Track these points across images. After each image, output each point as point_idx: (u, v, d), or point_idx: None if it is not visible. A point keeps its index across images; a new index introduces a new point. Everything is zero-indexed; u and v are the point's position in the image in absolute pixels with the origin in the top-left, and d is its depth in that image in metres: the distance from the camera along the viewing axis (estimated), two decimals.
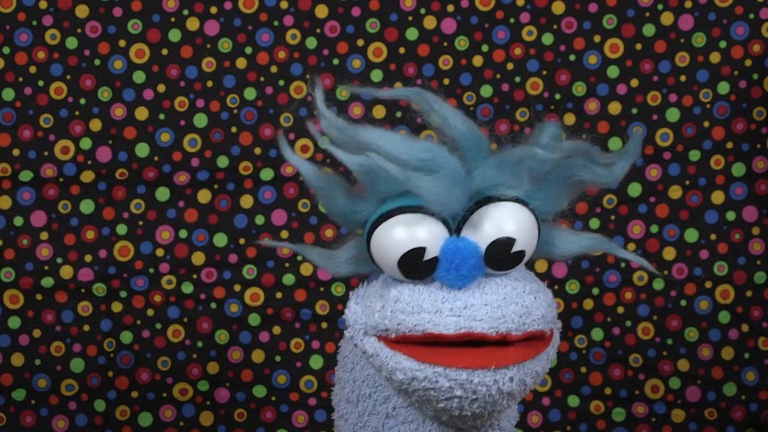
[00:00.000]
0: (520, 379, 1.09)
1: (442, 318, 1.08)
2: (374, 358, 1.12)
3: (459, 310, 1.08)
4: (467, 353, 1.08)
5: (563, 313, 1.90)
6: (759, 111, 1.89)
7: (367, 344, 1.13)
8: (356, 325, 1.14)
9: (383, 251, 1.10)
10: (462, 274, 1.09)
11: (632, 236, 1.90)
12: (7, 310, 1.89)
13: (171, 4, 1.88)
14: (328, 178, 1.12)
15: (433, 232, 1.09)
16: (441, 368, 1.08)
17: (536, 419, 1.92)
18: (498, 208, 1.10)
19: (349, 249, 1.15)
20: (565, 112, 1.89)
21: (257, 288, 1.90)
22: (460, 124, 1.11)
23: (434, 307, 1.08)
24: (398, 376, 1.10)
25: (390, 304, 1.10)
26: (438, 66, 1.89)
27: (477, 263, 1.09)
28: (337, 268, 1.16)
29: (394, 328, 1.09)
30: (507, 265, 1.11)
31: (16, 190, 1.89)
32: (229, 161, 1.89)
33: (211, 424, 1.91)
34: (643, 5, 1.88)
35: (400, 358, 1.09)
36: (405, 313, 1.09)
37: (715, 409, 1.91)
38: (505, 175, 1.10)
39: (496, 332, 1.07)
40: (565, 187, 1.15)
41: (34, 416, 1.90)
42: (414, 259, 1.09)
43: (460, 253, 1.08)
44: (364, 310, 1.14)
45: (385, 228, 1.09)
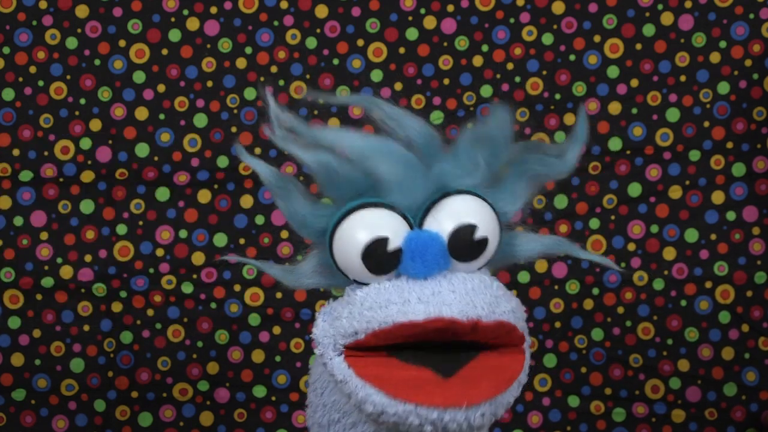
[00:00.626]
0: (492, 413, 1.08)
1: (410, 306, 1.06)
2: (344, 385, 1.11)
3: (427, 297, 1.07)
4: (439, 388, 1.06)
5: (563, 313, 1.90)
6: (759, 111, 1.89)
7: (336, 368, 1.11)
8: (324, 340, 1.13)
9: (346, 250, 1.09)
10: (427, 261, 1.08)
11: (632, 236, 1.90)
12: (7, 310, 1.89)
13: (171, 4, 1.88)
14: (287, 180, 1.13)
15: (395, 224, 1.09)
16: (412, 406, 1.06)
17: (536, 419, 1.92)
18: (456, 200, 1.10)
19: (310, 260, 1.15)
20: (565, 112, 1.89)
21: (257, 288, 1.90)
22: (412, 122, 1.12)
23: (401, 297, 1.07)
24: (368, 408, 1.09)
25: (357, 306, 1.09)
26: (438, 66, 1.89)
27: (441, 252, 1.08)
28: (300, 280, 1.15)
29: (364, 327, 1.08)
30: (471, 253, 1.10)
31: (16, 190, 1.89)
32: (229, 161, 1.89)
33: (211, 424, 1.91)
34: (643, 5, 1.88)
35: (371, 390, 1.08)
36: (373, 310, 1.08)
37: (715, 410, 1.91)
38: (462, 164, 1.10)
39: (466, 317, 1.06)
40: (522, 182, 1.15)
41: (34, 416, 1.90)
42: (378, 250, 1.08)
43: (423, 241, 1.08)
44: (332, 323, 1.12)
45: (346, 224, 1.09)
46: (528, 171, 1.15)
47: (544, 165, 1.15)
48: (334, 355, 1.12)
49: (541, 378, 1.91)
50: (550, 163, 1.15)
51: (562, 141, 1.16)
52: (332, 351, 1.12)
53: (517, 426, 1.91)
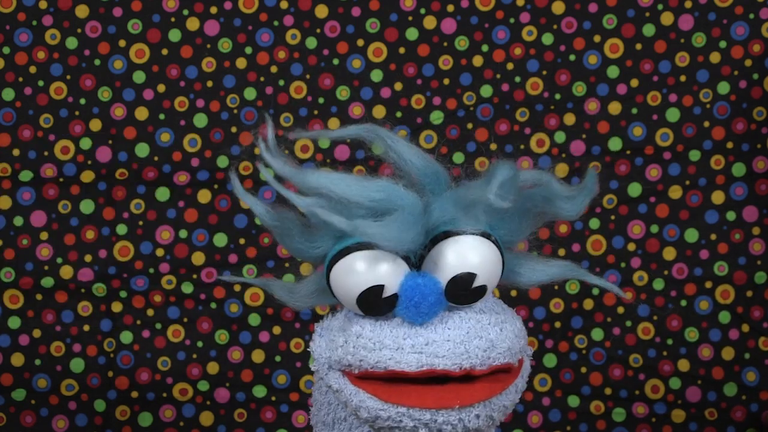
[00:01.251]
0: (487, 415, 1.08)
1: (403, 355, 1.06)
2: (339, 394, 1.11)
3: (420, 347, 1.06)
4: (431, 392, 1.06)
5: (563, 313, 1.90)
6: (759, 111, 1.89)
7: (331, 379, 1.11)
8: (320, 359, 1.13)
9: (342, 288, 1.09)
10: (422, 311, 1.07)
11: (632, 236, 1.90)
12: (7, 310, 1.89)
13: (171, 4, 1.88)
14: (282, 217, 1.11)
15: (392, 268, 1.07)
16: (404, 408, 1.06)
17: (536, 419, 1.92)
18: (459, 242, 1.08)
19: (310, 283, 1.14)
20: (565, 112, 1.89)
21: (257, 288, 1.90)
22: (416, 158, 1.10)
23: (396, 343, 1.07)
24: (362, 414, 1.09)
25: (352, 339, 1.09)
26: (438, 66, 1.89)
27: (438, 299, 1.07)
28: (300, 302, 1.15)
29: (357, 364, 1.08)
30: (468, 300, 1.09)
31: (16, 190, 1.89)
32: (229, 161, 1.89)
33: (211, 424, 1.91)
34: (643, 5, 1.88)
35: (364, 396, 1.08)
36: (367, 350, 1.07)
37: (715, 410, 1.91)
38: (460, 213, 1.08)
39: (459, 368, 1.06)
40: (527, 217, 1.13)
41: (34, 416, 1.90)
42: (373, 297, 1.07)
43: (420, 290, 1.07)
44: (328, 344, 1.12)
45: (342, 265, 1.08)
46: (535, 208, 1.13)
47: (551, 206, 1.13)
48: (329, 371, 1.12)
49: (541, 378, 1.91)
50: (557, 205, 1.13)
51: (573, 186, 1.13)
52: (327, 368, 1.12)
53: (517, 426, 1.91)
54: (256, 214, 1.12)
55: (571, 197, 1.13)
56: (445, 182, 1.11)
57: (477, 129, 1.89)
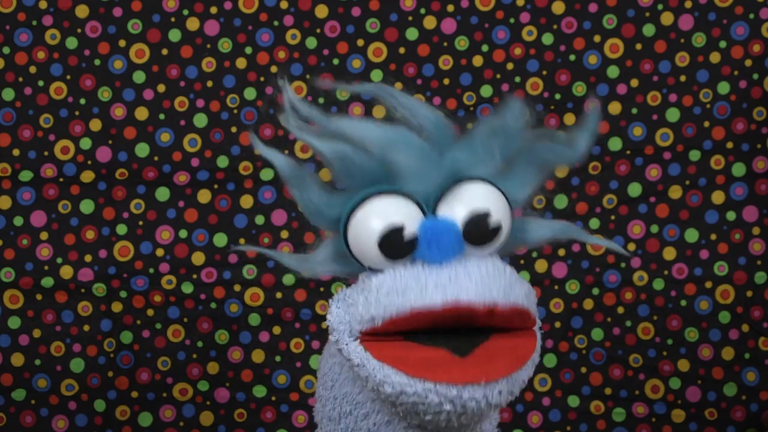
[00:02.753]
0: (509, 391, 1.09)
1: (428, 292, 1.06)
2: (360, 368, 1.11)
3: (444, 283, 1.06)
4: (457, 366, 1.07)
5: (563, 313, 1.91)
6: (759, 111, 1.89)
7: (352, 352, 1.11)
8: (340, 326, 1.13)
9: (361, 237, 1.10)
10: (443, 248, 1.08)
11: (632, 236, 1.90)
12: (7, 310, 1.89)
13: (171, 4, 1.88)
14: (302, 170, 1.12)
15: (410, 212, 1.09)
16: (431, 384, 1.07)
17: (536, 419, 1.92)
18: (469, 187, 1.10)
19: (324, 248, 1.15)
20: (565, 112, 1.89)
21: (257, 288, 1.90)
22: (426, 111, 1.13)
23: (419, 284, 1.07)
24: (386, 390, 1.09)
25: (373, 293, 1.09)
26: (438, 66, 1.89)
27: (456, 238, 1.09)
28: (315, 269, 1.15)
29: (381, 314, 1.08)
30: (485, 240, 1.10)
31: (16, 190, 1.89)
32: (229, 161, 1.89)
33: (211, 424, 1.91)
34: (643, 5, 1.88)
35: (389, 371, 1.08)
36: (390, 296, 1.08)
37: (715, 410, 1.91)
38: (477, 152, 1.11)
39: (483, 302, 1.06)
40: (532, 170, 1.15)
41: (34, 416, 1.90)
42: (393, 238, 1.08)
43: (439, 228, 1.08)
44: (347, 309, 1.12)
45: (360, 214, 1.09)
46: (538, 158, 1.15)
47: (553, 153, 1.15)
48: (350, 340, 1.12)
49: (541, 378, 1.92)
50: (559, 151, 1.15)
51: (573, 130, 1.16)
52: (348, 337, 1.12)
53: (517, 426, 1.91)
54: (277, 165, 1.13)
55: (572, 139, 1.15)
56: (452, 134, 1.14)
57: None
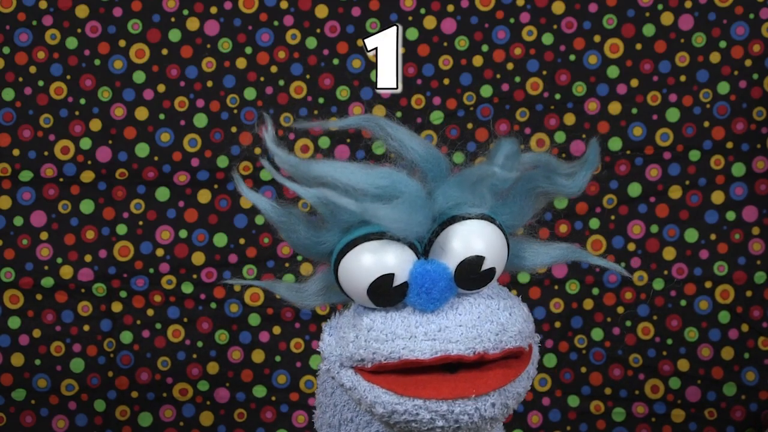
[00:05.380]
0: (502, 404, 1.08)
1: (417, 343, 1.06)
2: (353, 392, 1.11)
3: (434, 334, 1.06)
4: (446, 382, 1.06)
5: (563, 313, 1.91)
6: (759, 111, 1.89)
7: (344, 377, 1.11)
8: (331, 357, 1.12)
9: (351, 281, 1.08)
10: (433, 297, 1.07)
11: (632, 236, 1.90)
12: (7, 310, 1.89)
13: (171, 4, 1.88)
14: (287, 212, 1.11)
15: (401, 257, 1.07)
16: (421, 400, 1.06)
17: (536, 419, 1.92)
18: (464, 227, 1.08)
19: (317, 281, 1.14)
20: (565, 112, 1.89)
21: (257, 288, 1.90)
22: (417, 145, 1.10)
23: (408, 332, 1.07)
24: (378, 410, 1.08)
25: (363, 333, 1.09)
26: (438, 66, 1.89)
27: (448, 285, 1.08)
28: (307, 301, 1.14)
29: (370, 358, 1.08)
30: (478, 284, 1.10)
31: (16, 190, 1.89)
32: (229, 161, 1.89)
33: (211, 424, 1.91)
34: (643, 5, 1.88)
35: (379, 391, 1.08)
36: (379, 341, 1.07)
37: (715, 409, 1.91)
38: (467, 194, 1.09)
39: (473, 352, 1.06)
40: (529, 199, 1.13)
41: (34, 416, 1.90)
42: (383, 286, 1.07)
43: (430, 276, 1.07)
44: (338, 341, 1.12)
45: (351, 257, 1.08)
46: (536, 188, 1.13)
47: (552, 183, 1.13)
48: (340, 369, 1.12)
49: (541, 378, 1.92)
50: (558, 182, 1.13)
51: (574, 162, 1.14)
52: (339, 367, 1.12)
53: (517, 426, 1.91)
54: (261, 210, 1.12)
55: (572, 173, 1.14)
56: (445, 168, 1.11)
57: (477, 129, 1.89)
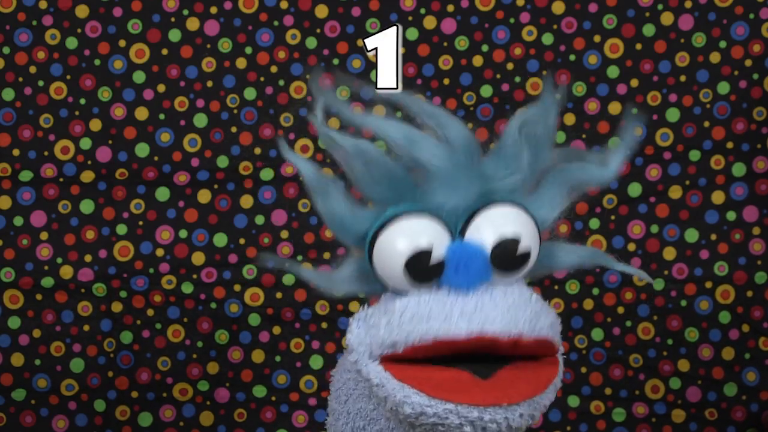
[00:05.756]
0: (530, 414, 1.07)
1: (452, 322, 1.04)
2: (380, 389, 1.09)
3: (470, 313, 1.05)
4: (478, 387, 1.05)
5: (563, 313, 1.90)
6: (759, 111, 1.89)
7: (372, 372, 1.09)
8: (360, 347, 1.10)
9: (387, 259, 1.08)
10: (471, 275, 1.06)
11: (632, 236, 1.90)
12: (7, 310, 1.89)
13: (171, 4, 1.88)
14: (328, 179, 1.10)
15: (437, 235, 1.07)
16: (452, 405, 1.05)
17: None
18: (499, 211, 1.08)
19: (348, 266, 1.12)
20: (565, 112, 1.89)
21: (257, 288, 1.90)
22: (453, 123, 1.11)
23: (443, 312, 1.05)
24: (406, 410, 1.07)
25: (396, 316, 1.07)
26: (438, 66, 1.89)
27: (484, 265, 1.07)
28: (337, 287, 1.13)
29: (403, 340, 1.06)
30: (513, 266, 1.09)
31: (16, 190, 1.89)
32: (229, 161, 1.89)
33: (211, 424, 1.91)
34: (643, 5, 1.88)
35: (410, 391, 1.06)
36: (413, 322, 1.05)
37: (715, 410, 1.91)
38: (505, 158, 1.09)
39: (508, 335, 1.04)
40: (562, 190, 1.14)
41: (34, 416, 1.90)
42: (420, 262, 1.06)
43: (467, 254, 1.06)
44: (368, 330, 1.10)
45: (386, 235, 1.07)
46: (568, 179, 1.13)
47: (584, 173, 1.13)
48: (369, 361, 1.10)
49: None
50: (591, 171, 1.13)
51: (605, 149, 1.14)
52: (368, 358, 1.10)
53: None
54: (303, 173, 1.11)
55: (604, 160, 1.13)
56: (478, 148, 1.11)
57: (477, 129, 1.89)
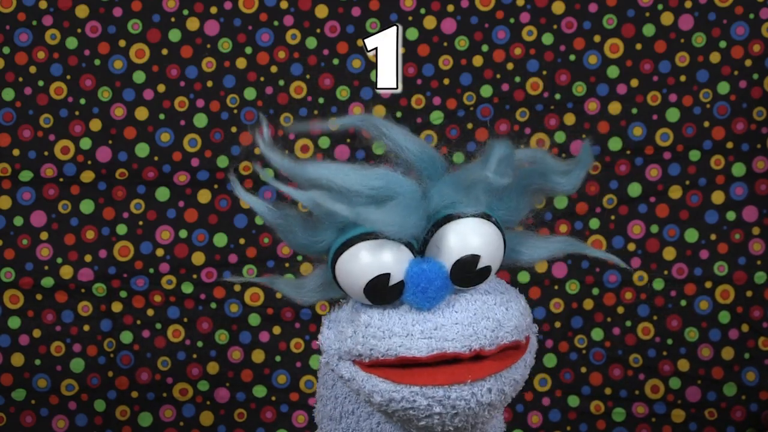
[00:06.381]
0: (499, 389, 1.09)
1: (413, 341, 1.07)
2: (351, 382, 1.12)
3: (430, 332, 1.07)
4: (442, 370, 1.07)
5: (563, 313, 1.91)
6: (759, 111, 1.89)
7: (342, 369, 1.12)
8: (330, 350, 1.14)
9: (348, 280, 1.10)
10: (429, 295, 1.08)
11: (632, 236, 1.90)
12: (7, 310, 1.89)
13: (171, 4, 1.88)
14: (283, 214, 1.13)
15: (397, 256, 1.09)
16: (417, 388, 1.07)
17: (536, 419, 1.92)
18: (459, 225, 1.09)
19: (316, 277, 1.15)
20: (565, 112, 1.89)
21: (257, 288, 1.90)
22: (412, 145, 1.11)
23: (405, 330, 1.08)
24: (376, 399, 1.09)
25: (361, 329, 1.10)
26: (438, 66, 1.89)
27: (444, 283, 1.09)
28: (306, 297, 1.16)
29: (367, 354, 1.09)
30: (473, 282, 1.10)
31: (16, 190, 1.89)
32: (229, 161, 1.89)
33: (211, 424, 1.91)
34: (643, 5, 1.88)
35: (376, 380, 1.09)
36: (376, 338, 1.08)
37: (715, 410, 1.91)
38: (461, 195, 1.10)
39: (469, 350, 1.07)
40: (525, 196, 1.15)
41: (34, 416, 1.90)
42: (380, 285, 1.08)
43: (426, 275, 1.08)
44: (337, 336, 1.13)
45: (347, 257, 1.09)
46: (532, 185, 1.14)
47: (547, 181, 1.14)
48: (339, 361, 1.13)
49: (541, 378, 1.92)
50: (554, 180, 1.14)
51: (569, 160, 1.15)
52: (337, 359, 1.13)
53: (517, 426, 1.91)
54: (258, 213, 1.14)
55: (567, 171, 1.14)
56: (441, 167, 1.12)
57: (477, 129, 1.89)
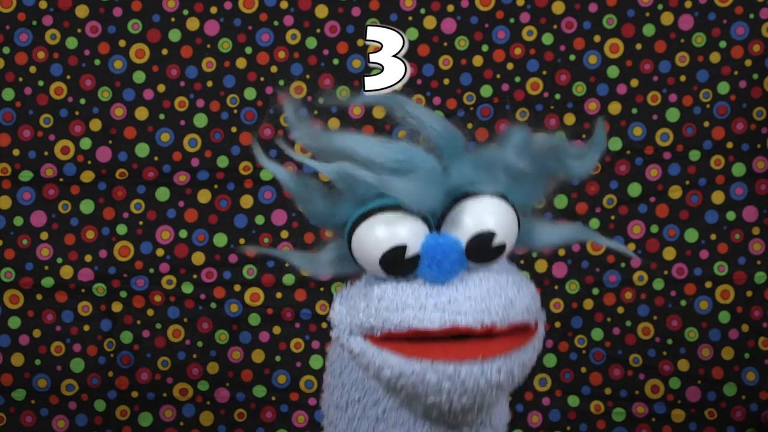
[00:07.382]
0: (508, 370, 1.09)
1: (426, 313, 1.08)
2: (361, 357, 1.12)
3: (443, 305, 1.08)
4: (453, 346, 1.08)
5: (563, 313, 1.91)
6: (759, 111, 1.89)
7: (353, 343, 1.13)
8: (341, 325, 1.15)
9: (364, 251, 1.11)
10: (444, 269, 1.09)
11: (632, 236, 1.90)
12: (7, 310, 1.89)
13: (171, 4, 1.88)
14: (305, 183, 1.13)
15: (414, 229, 1.10)
16: (428, 362, 1.08)
17: (536, 419, 1.92)
18: (477, 203, 1.11)
19: (330, 250, 1.16)
20: (565, 112, 1.89)
21: (257, 288, 1.90)
22: (435, 122, 1.12)
23: (418, 303, 1.09)
24: (386, 373, 1.10)
25: (374, 302, 1.11)
26: (438, 66, 1.89)
27: (458, 258, 1.10)
28: (320, 270, 1.16)
29: (380, 326, 1.10)
30: (488, 258, 1.11)
31: (16, 190, 1.89)
32: (229, 161, 1.89)
33: (211, 424, 1.91)
34: (643, 5, 1.88)
35: (387, 354, 1.10)
36: (389, 311, 1.09)
37: (715, 409, 1.91)
38: (481, 174, 1.11)
39: (480, 325, 1.08)
40: (541, 179, 1.16)
41: (34, 416, 1.90)
42: (395, 257, 1.10)
43: (441, 249, 1.09)
44: (349, 310, 1.14)
45: (365, 228, 1.10)
46: (547, 169, 1.16)
47: (563, 165, 1.16)
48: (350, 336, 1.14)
49: (541, 378, 1.92)
50: (568, 164, 1.16)
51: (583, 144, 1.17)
52: (348, 334, 1.14)
53: (517, 426, 1.91)
54: (280, 180, 1.14)
55: (582, 155, 1.16)
56: (462, 146, 1.13)
57: (477, 129, 1.89)
